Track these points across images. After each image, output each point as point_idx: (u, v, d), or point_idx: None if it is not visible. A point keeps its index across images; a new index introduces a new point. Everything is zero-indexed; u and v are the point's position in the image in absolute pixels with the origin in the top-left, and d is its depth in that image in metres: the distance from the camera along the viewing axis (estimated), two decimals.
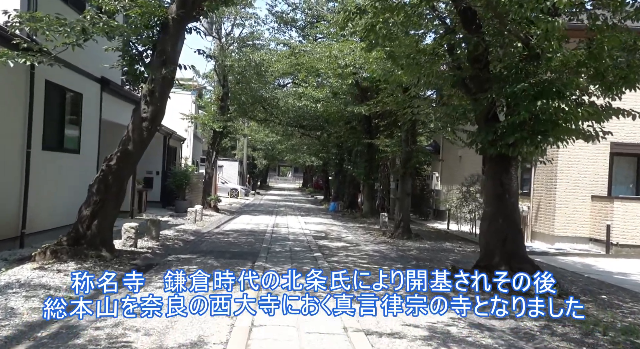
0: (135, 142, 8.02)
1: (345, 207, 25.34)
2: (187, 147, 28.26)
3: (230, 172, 41.25)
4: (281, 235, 13.34)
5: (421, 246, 12.49)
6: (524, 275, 5.90)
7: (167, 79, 8.11)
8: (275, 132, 35.81)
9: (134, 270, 7.03)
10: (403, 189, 14.66)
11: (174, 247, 9.86)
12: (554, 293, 5.57)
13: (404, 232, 14.20)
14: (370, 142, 20.61)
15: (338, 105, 19.50)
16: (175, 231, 12.31)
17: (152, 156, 18.87)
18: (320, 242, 12.15)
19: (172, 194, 18.37)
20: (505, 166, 7.70)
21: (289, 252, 10.14)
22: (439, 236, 15.34)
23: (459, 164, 20.66)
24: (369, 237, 14.20)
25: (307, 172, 60.32)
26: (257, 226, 15.82)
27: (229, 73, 19.78)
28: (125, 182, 8.07)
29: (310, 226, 16.84)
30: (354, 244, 12.26)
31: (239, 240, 11.76)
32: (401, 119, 13.99)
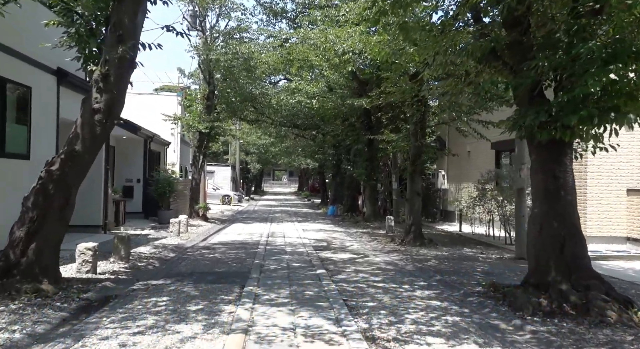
0: (85, 141, 6.30)
1: (345, 211, 23.64)
2: (174, 153, 26.48)
3: (222, 178, 39.48)
4: (277, 247, 11.61)
5: (439, 254, 10.80)
6: (618, 306, 4.23)
7: (124, 59, 6.39)
8: (268, 133, 34.14)
9: (80, 308, 5.30)
10: (412, 189, 12.98)
11: (146, 270, 8.11)
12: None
13: (416, 238, 12.51)
14: (371, 140, 18.94)
15: (335, 100, 17.81)
16: (153, 247, 10.55)
17: (132, 162, 17.12)
18: (322, 254, 10.44)
19: (155, 203, 16.60)
20: (558, 155, 6.03)
21: (287, 269, 8.41)
22: (454, 241, 13.66)
23: (467, 160, 19.03)
24: (377, 245, 12.50)
25: (302, 175, 58.68)
26: (250, 236, 14.08)
27: (215, 69, 18.06)
28: (74, 191, 6.34)
29: (309, 234, 15.12)
30: (362, 255, 10.55)
31: (227, 256, 10.01)
32: (409, 110, 12.34)
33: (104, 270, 7.61)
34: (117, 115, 6.59)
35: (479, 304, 6.08)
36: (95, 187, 12.08)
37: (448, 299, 6.38)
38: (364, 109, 18.66)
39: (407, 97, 12.49)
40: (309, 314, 5.40)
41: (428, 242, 12.48)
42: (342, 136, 20.40)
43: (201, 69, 18.35)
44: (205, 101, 18.75)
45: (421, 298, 6.38)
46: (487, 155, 17.26)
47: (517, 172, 10.26)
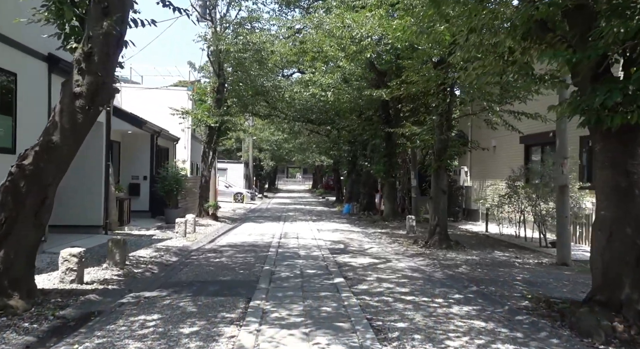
0: (65, 131, 5.38)
1: (361, 210, 22.61)
2: (185, 149, 25.66)
3: (235, 176, 38.72)
4: (290, 250, 10.65)
5: (469, 259, 9.73)
6: None
7: (110, 35, 5.46)
8: (281, 129, 33.22)
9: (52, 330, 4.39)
10: (438, 186, 11.91)
11: (142, 278, 7.20)
12: None
13: (442, 240, 11.45)
14: (390, 135, 17.88)
15: (351, 92, 16.76)
16: (154, 250, 9.66)
17: (138, 159, 16.31)
18: (339, 259, 9.44)
19: (163, 202, 15.77)
20: (631, 145, 4.95)
21: (300, 278, 7.44)
22: (482, 242, 12.56)
23: (492, 156, 17.85)
24: (399, 248, 11.47)
25: (316, 172, 57.73)
26: (261, 237, 13.14)
27: (225, 60, 17.14)
28: (51, 189, 5.42)
29: (324, 234, 14.14)
30: (383, 260, 9.53)
31: (235, 260, 9.07)
32: (433, 100, 11.27)
33: (94, 278, 6.72)
34: (102, 101, 5.66)
35: (532, 326, 5.03)
36: (95, 185, 11.27)
37: (493, 318, 5.34)
38: (382, 102, 17.62)
39: (432, 86, 11.44)
40: (328, 340, 4.42)
41: (455, 244, 11.42)
42: (358, 130, 19.36)
43: (210, 60, 17.44)
44: (215, 94, 17.85)
45: (460, 317, 5.35)
46: (515, 150, 16.08)
47: (559, 167, 9.14)
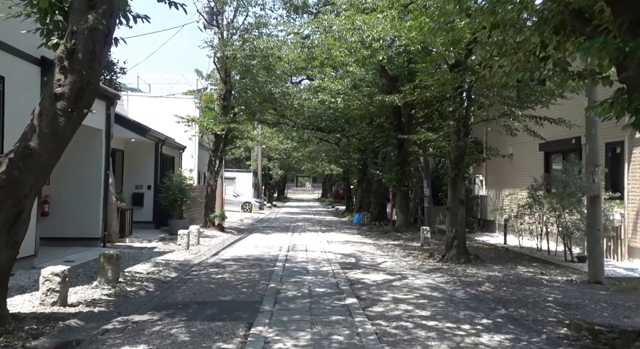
0: (44, 136, 4.81)
1: (372, 220, 21.90)
2: (192, 158, 25.17)
3: (244, 185, 38.22)
4: (297, 264, 9.98)
5: (491, 275, 8.99)
6: None
7: (96, 30, 4.90)
8: (290, 138, 32.69)
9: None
10: (455, 196, 11.20)
11: (135, 298, 6.58)
12: None
13: (460, 254, 10.72)
14: (402, 142, 17.21)
15: (361, 98, 16.15)
16: (153, 265, 9.04)
17: (142, 168, 15.80)
18: (351, 275, 8.76)
19: (167, 212, 15.21)
20: None
21: (308, 298, 6.76)
22: (501, 256, 11.80)
23: (509, 164, 17.09)
24: (414, 262, 10.76)
25: (326, 181, 57.15)
26: (268, 249, 12.49)
27: (232, 67, 16.63)
28: (29, 201, 4.83)
29: (334, 246, 13.46)
30: (399, 276, 8.83)
31: (238, 276, 8.42)
32: (450, 104, 10.61)
33: (80, 299, 6.11)
34: (87, 102, 5.08)
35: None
36: (93, 195, 10.73)
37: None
38: (394, 108, 17.00)
39: (448, 90, 10.79)
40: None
41: (474, 258, 10.68)
42: (369, 138, 18.71)
43: (217, 66, 16.96)
44: (221, 101, 17.35)
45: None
46: (534, 158, 15.31)
47: (589, 176, 8.41)
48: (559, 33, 5.49)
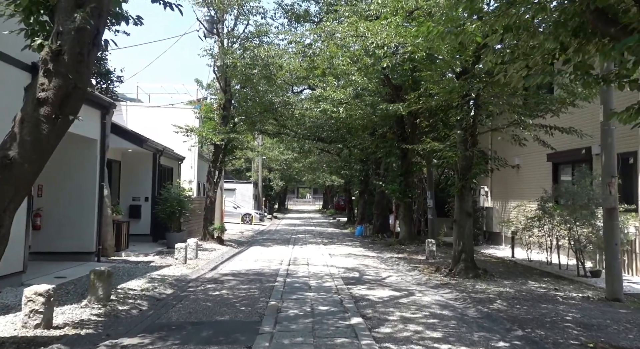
0: (25, 144, 4.45)
1: (374, 232, 21.47)
2: (191, 169, 24.83)
3: (244, 196, 37.85)
4: (299, 279, 9.55)
5: (502, 291, 8.55)
6: None
7: (84, 30, 4.56)
8: (291, 149, 32.38)
9: None
10: (462, 208, 10.80)
11: (126, 318, 6.16)
12: None
13: (468, 268, 10.30)
14: (405, 152, 16.87)
15: (364, 107, 15.81)
16: (148, 281, 8.62)
17: (140, 179, 15.43)
18: (355, 291, 8.33)
19: (165, 225, 14.80)
20: None
21: (311, 317, 6.35)
22: (510, 270, 11.37)
23: (516, 175, 16.71)
24: (420, 277, 10.33)
25: (327, 193, 56.75)
26: (268, 263, 12.07)
27: (232, 76, 16.33)
28: (8, 215, 4.45)
29: (337, 260, 13.03)
30: (405, 292, 8.40)
31: (237, 293, 8.00)
32: (456, 113, 10.27)
33: (67, 319, 5.69)
34: (74, 109, 4.73)
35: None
36: (87, 208, 10.34)
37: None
38: (397, 118, 16.68)
39: (455, 98, 10.46)
40: None
41: (483, 273, 10.26)
42: (371, 148, 18.35)
43: (216, 75, 16.67)
44: (221, 111, 17.03)
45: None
46: (542, 168, 14.94)
47: (606, 187, 8.01)
48: (578, 35, 5.16)
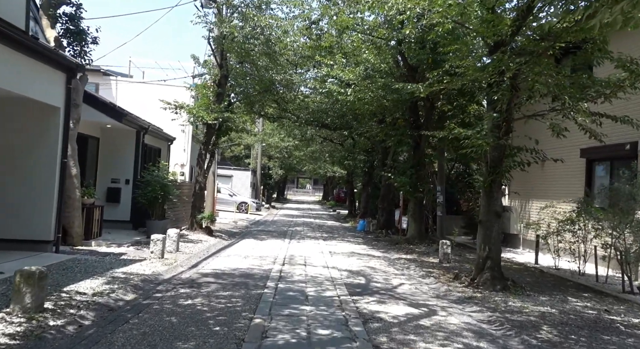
0: None
1: (379, 228, 19.84)
2: (185, 152, 23.19)
3: (241, 183, 36.22)
4: (294, 286, 7.91)
5: (543, 312, 6.91)
6: None
7: None
8: (292, 136, 30.67)
9: None
10: (490, 207, 9.14)
11: (53, 341, 4.51)
12: None
13: (495, 279, 8.67)
14: (419, 142, 15.19)
15: (375, 90, 14.07)
16: (108, 281, 6.98)
17: (120, 159, 13.77)
18: (363, 306, 6.70)
19: (147, 211, 13.16)
20: None
21: (307, 347, 4.71)
22: (540, 281, 9.76)
23: (540, 173, 15.01)
24: (437, 286, 8.71)
25: (327, 184, 55.11)
26: (260, 262, 10.44)
27: (229, 49, 14.59)
28: None
29: (338, 259, 11.40)
30: (425, 309, 6.77)
31: (214, 304, 6.35)
32: (493, 92, 8.56)
33: None
34: None
35: None
36: (44, 189, 8.67)
37: None
38: (411, 103, 14.97)
39: (487, 76, 8.76)
40: None
41: (512, 285, 8.63)
42: (380, 136, 16.63)
43: (211, 47, 14.92)
44: (215, 87, 15.32)
45: None
46: (573, 166, 13.24)
47: None
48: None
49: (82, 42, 10.25)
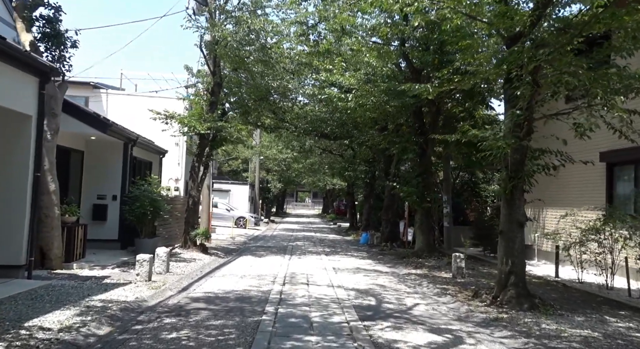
0: None
1: (383, 240, 18.89)
2: (179, 166, 22.29)
3: (239, 198, 35.19)
4: (296, 310, 6.96)
5: (586, 337, 5.97)
6: None
7: None
8: (290, 147, 29.85)
9: None
10: (511, 216, 8.24)
11: None
12: None
13: (520, 296, 7.74)
14: (424, 149, 14.35)
15: (377, 94, 13.24)
16: (81, 312, 6.03)
17: (107, 173, 12.87)
18: (376, 334, 5.76)
19: (136, 228, 12.22)
20: None
21: None
22: (567, 297, 8.82)
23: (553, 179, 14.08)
24: (456, 306, 7.78)
25: (327, 197, 54.18)
26: (258, 282, 9.49)
27: (222, 55, 13.79)
28: None
29: (343, 277, 10.46)
30: (448, 335, 5.83)
31: (202, 338, 5.39)
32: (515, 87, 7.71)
33: None
34: None
35: None
36: (14, 206, 7.75)
37: None
38: (415, 108, 14.15)
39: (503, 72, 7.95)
40: None
41: (541, 304, 7.69)
42: (383, 144, 15.78)
43: (203, 53, 14.13)
44: (208, 96, 14.50)
45: None
46: (590, 170, 12.34)
47: None
48: None
49: (60, 46, 9.44)
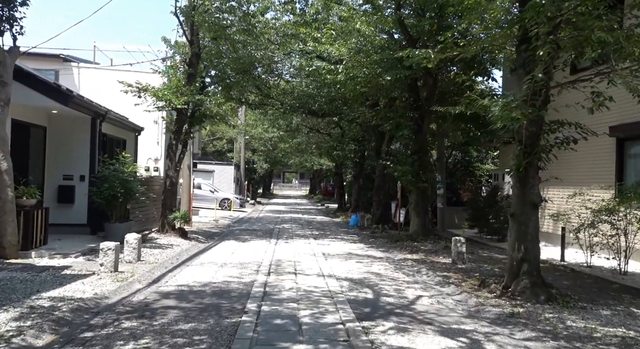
0: None
1: (374, 222, 18.02)
2: (158, 145, 21.03)
3: (224, 179, 34.01)
4: (282, 308, 5.99)
5: (618, 335, 5.12)
6: None
7: None
8: (277, 126, 28.64)
9: None
10: (525, 197, 7.33)
11: None
12: None
13: (535, 286, 6.88)
14: (420, 125, 13.36)
15: (370, 65, 12.14)
16: (22, 313, 4.99)
17: (73, 151, 11.67)
18: (378, 338, 4.82)
19: (106, 212, 11.11)
20: None
21: None
22: (580, 285, 8.02)
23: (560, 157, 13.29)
24: (460, 295, 6.91)
25: (314, 177, 53.17)
26: (239, 271, 8.50)
27: (200, 23, 12.53)
28: None
29: (334, 264, 9.52)
30: (463, 339, 4.91)
31: (168, 347, 4.42)
32: (540, 46, 6.68)
33: None
34: None
35: None
36: None
37: None
38: (410, 81, 13.11)
39: (517, 33, 6.94)
40: None
41: (559, 295, 6.84)
42: (375, 121, 14.75)
43: (179, 20, 12.84)
44: (186, 67, 13.27)
45: None
46: (599, 146, 11.49)
47: None
48: None
49: (9, 4, 8.17)
